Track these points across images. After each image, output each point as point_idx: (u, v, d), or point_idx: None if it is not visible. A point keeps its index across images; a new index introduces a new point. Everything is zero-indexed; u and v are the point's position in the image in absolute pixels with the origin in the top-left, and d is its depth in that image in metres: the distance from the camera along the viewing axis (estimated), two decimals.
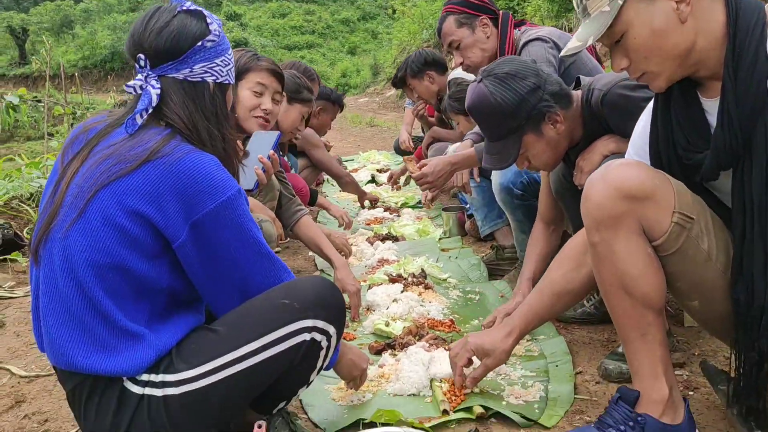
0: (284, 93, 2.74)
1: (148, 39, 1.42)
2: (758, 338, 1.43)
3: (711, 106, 1.47)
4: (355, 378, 1.82)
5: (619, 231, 1.49)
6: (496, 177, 2.75)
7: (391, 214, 4.37)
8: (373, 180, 5.60)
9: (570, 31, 7.52)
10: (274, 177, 2.70)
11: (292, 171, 3.82)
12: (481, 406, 1.82)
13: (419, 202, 4.59)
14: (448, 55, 3.13)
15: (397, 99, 13.37)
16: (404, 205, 4.61)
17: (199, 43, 1.44)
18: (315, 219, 4.17)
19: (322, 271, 3.24)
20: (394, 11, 18.37)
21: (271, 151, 2.19)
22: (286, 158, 3.79)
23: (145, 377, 1.40)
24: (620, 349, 2.05)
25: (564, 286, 1.77)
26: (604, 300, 1.62)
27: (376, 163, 6.35)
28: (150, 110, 1.42)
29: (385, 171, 5.94)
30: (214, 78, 1.47)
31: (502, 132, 2.06)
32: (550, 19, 8.44)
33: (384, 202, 4.70)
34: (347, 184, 4.45)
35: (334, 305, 1.50)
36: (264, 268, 1.46)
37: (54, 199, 1.40)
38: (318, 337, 1.47)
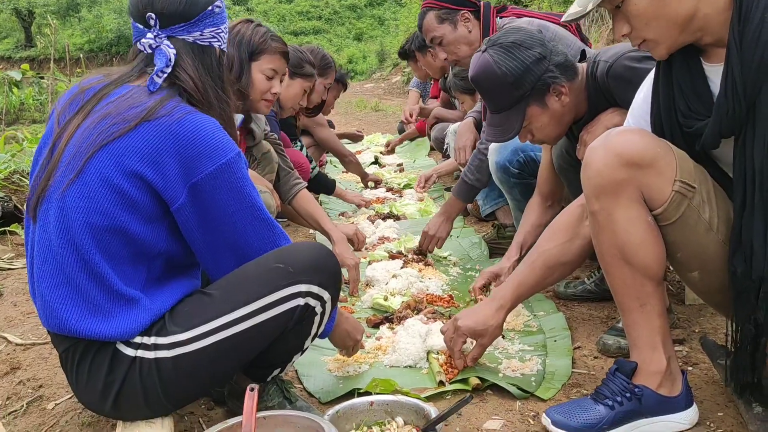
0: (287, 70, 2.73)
1: (164, 0, 1.41)
2: (755, 310, 1.39)
3: (714, 73, 1.44)
4: (348, 347, 1.81)
5: (620, 199, 1.46)
6: (493, 156, 2.72)
7: (393, 194, 4.35)
8: (376, 161, 5.58)
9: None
10: (272, 150, 2.67)
11: (302, 151, 3.79)
12: (478, 377, 1.80)
13: None
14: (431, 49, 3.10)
15: (403, 84, 13.30)
16: (407, 186, 4.58)
17: (210, 8, 1.44)
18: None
19: None
20: None
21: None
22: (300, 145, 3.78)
23: (137, 340, 1.39)
24: (619, 325, 2.03)
25: (558, 258, 1.75)
26: (603, 270, 1.60)
27: (379, 145, 6.31)
28: (167, 70, 1.40)
29: (389, 153, 5.92)
30: (219, 44, 1.48)
31: (506, 103, 2.02)
32: (558, 5, 8.35)
33: (387, 183, 4.67)
34: (350, 163, 4.43)
35: (329, 270, 1.48)
36: (262, 233, 1.45)
37: (51, 158, 1.38)
38: (312, 302, 1.45)
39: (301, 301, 1.42)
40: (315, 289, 1.44)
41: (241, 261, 1.44)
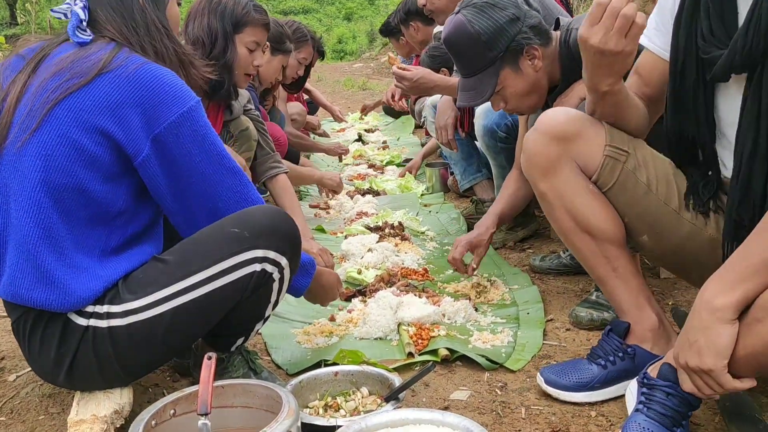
0: (268, 44, 2.69)
1: None
2: None
3: (744, 1, 1.32)
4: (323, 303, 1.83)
5: (559, 174, 1.54)
6: (480, 119, 2.67)
7: (375, 171, 4.31)
8: (359, 139, 5.53)
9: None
10: (251, 128, 2.62)
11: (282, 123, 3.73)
12: (447, 349, 1.78)
13: (405, 160, 4.53)
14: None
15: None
16: (389, 163, 4.55)
17: None
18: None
19: None
20: None
21: None
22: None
23: (90, 309, 1.34)
24: (592, 297, 2.02)
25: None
26: (568, 246, 1.64)
27: (364, 123, 6.26)
28: (84, 26, 1.36)
29: (373, 131, 5.87)
30: None
31: (479, 64, 1.98)
32: None
33: (369, 160, 4.63)
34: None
35: (287, 235, 1.43)
36: (230, 181, 1.41)
37: (1, 121, 1.33)
38: (269, 268, 1.41)
39: (257, 267, 1.38)
40: (271, 254, 1.40)
41: (212, 214, 1.40)
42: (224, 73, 2.29)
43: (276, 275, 1.42)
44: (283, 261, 1.42)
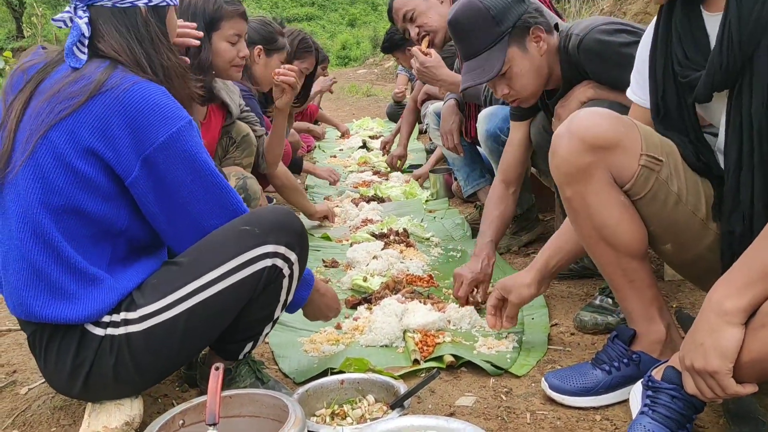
0: (260, 46, 2.70)
1: None
2: None
3: (713, 22, 1.37)
4: (322, 320, 1.83)
5: (590, 183, 1.46)
6: (483, 124, 2.68)
7: (379, 177, 4.33)
8: (364, 146, 5.56)
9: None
10: (251, 133, 2.65)
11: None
12: (452, 355, 1.80)
13: (410, 166, 4.55)
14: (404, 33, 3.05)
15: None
16: (394, 169, 4.56)
17: None
18: (304, 186, 4.12)
19: None
20: None
21: None
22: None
23: (106, 319, 1.37)
24: (596, 301, 2.02)
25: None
26: (587, 252, 1.61)
27: (368, 129, 6.30)
28: (85, 41, 1.37)
29: (378, 137, 5.89)
30: (145, 1, 1.42)
31: (487, 40, 1.98)
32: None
33: (374, 167, 4.65)
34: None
35: (295, 230, 1.47)
36: (220, 199, 1.42)
37: (4, 145, 1.36)
38: (280, 263, 1.43)
39: (268, 262, 1.41)
40: (282, 249, 1.43)
41: (203, 232, 1.42)
42: (203, 74, 2.25)
43: (286, 271, 1.45)
44: (293, 256, 1.45)
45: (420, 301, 2.12)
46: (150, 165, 1.33)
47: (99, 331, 1.37)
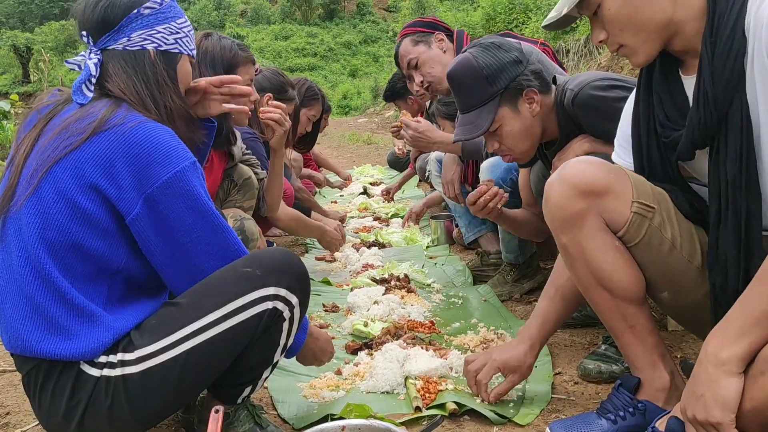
0: (270, 94, 2.75)
1: (86, 14, 1.43)
2: None
3: (690, 84, 1.44)
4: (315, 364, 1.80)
5: (584, 229, 1.49)
6: (485, 174, 2.70)
7: (380, 223, 4.34)
8: (365, 192, 5.59)
9: (567, 53, 7.54)
10: (253, 176, 2.66)
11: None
12: (455, 402, 1.77)
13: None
14: (408, 80, 3.12)
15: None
16: (395, 215, 4.58)
17: (135, 11, 1.43)
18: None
19: None
20: (395, 35, 18.56)
21: None
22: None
23: (102, 359, 1.35)
24: (600, 349, 2.00)
25: (573, 289, 1.69)
26: (585, 298, 1.60)
27: (369, 176, 6.35)
28: (93, 80, 1.40)
29: (378, 184, 5.94)
30: (155, 45, 1.45)
31: (480, 98, 2.04)
32: (551, 40, 8.47)
33: (375, 213, 4.67)
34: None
35: (297, 274, 1.45)
36: (220, 239, 1.42)
37: (9, 180, 1.37)
38: (280, 306, 1.42)
39: (269, 305, 1.40)
40: (283, 292, 1.42)
41: (201, 273, 1.41)
42: (221, 119, 2.31)
43: (286, 314, 1.44)
44: (294, 299, 1.44)
45: (422, 348, 2.09)
46: (152, 203, 1.33)
47: (95, 372, 1.35)
